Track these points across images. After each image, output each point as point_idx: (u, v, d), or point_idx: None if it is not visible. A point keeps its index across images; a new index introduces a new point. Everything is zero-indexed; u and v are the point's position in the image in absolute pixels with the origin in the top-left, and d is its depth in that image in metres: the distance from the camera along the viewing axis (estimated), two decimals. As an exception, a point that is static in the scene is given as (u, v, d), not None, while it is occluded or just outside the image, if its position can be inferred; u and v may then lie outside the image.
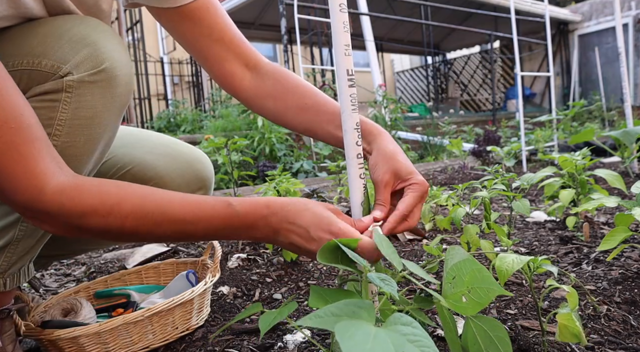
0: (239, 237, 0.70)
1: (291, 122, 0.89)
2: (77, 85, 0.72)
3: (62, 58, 0.71)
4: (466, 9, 8.18)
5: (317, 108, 0.85)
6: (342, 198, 2.39)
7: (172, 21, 0.87)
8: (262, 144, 4.39)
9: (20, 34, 0.73)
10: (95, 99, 0.74)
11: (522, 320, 0.95)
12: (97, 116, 0.75)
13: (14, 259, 0.78)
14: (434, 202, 1.57)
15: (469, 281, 0.57)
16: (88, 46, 0.72)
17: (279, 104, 0.89)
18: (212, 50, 0.88)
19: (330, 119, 0.84)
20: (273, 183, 1.56)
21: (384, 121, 4.84)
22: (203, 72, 9.40)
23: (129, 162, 1.01)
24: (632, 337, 0.85)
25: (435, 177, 3.52)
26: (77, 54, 0.71)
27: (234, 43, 0.89)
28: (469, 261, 0.59)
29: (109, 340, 0.88)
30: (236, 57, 0.90)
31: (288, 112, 0.88)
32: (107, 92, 0.75)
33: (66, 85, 0.71)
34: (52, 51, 0.71)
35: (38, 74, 0.71)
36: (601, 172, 1.38)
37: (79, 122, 0.74)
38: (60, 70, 0.70)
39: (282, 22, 5.78)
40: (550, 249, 1.41)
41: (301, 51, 5.61)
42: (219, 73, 0.91)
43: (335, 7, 0.68)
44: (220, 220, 0.66)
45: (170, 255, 1.68)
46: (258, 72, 0.91)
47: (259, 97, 0.90)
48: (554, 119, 4.11)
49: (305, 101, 0.87)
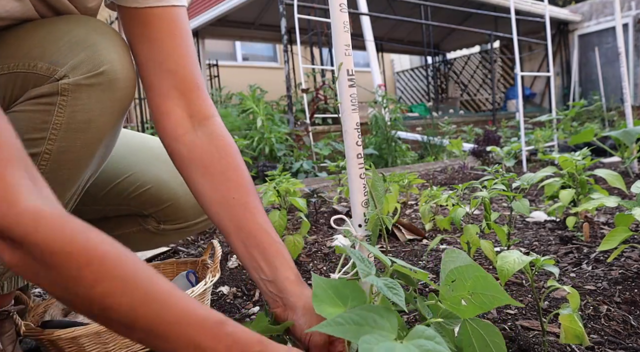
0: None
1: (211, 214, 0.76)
2: (73, 88, 0.69)
3: (59, 61, 0.68)
4: (466, 9, 8.19)
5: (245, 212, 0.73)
6: (342, 198, 2.39)
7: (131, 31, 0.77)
8: (262, 144, 4.39)
9: (20, 35, 0.71)
10: (92, 103, 0.71)
11: (522, 320, 0.95)
12: (94, 120, 0.72)
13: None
14: (434, 202, 1.57)
15: (472, 286, 0.57)
16: (87, 48, 0.70)
17: (206, 179, 0.75)
18: (157, 78, 0.76)
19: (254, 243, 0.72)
20: (273, 183, 1.56)
21: (383, 121, 4.83)
22: (203, 72, 9.40)
23: (147, 181, 0.97)
24: (632, 337, 0.85)
25: (435, 177, 3.53)
26: (74, 56, 0.69)
27: (187, 83, 0.76)
28: (472, 266, 0.59)
29: (109, 340, 0.88)
30: (182, 99, 0.76)
31: (213, 193, 0.75)
32: (106, 95, 0.72)
33: (61, 89, 0.68)
34: (48, 53, 0.68)
35: (34, 77, 0.68)
36: (601, 172, 1.38)
37: (75, 126, 0.71)
38: (56, 73, 0.68)
39: (282, 22, 5.78)
40: (550, 249, 1.41)
41: (301, 51, 5.61)
42: (155, 108, 0.77)
43: (335, 7, 0.68)
44: (205, 337, 0.52)
45: (170, 255, 1.68)
46: (203, 130, 0.77)
47: (190, 159, 0.76)
48: (554, 119, 4.11)
49: (236, 195, 0.74)
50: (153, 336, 0.51)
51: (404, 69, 14.00)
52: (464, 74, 12.78)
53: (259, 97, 5.13)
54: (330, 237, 1.76)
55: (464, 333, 0.59)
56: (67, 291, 0.49)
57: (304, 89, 5.52)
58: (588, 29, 10.29)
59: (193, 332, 0.51)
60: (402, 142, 5.14)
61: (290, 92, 5.86)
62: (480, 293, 0.57)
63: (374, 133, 5.01)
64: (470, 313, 0.57)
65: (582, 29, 10.39)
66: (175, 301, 0.52)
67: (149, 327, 0.51)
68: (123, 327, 0.52)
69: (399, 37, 11.12)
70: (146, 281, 0.51)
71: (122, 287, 0.49)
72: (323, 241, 1.70)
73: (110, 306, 0.49)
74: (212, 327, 0.52)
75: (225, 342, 0.52)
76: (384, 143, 4.84)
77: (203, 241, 1.83)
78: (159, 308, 0.51)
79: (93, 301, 0.49)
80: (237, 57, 11.19)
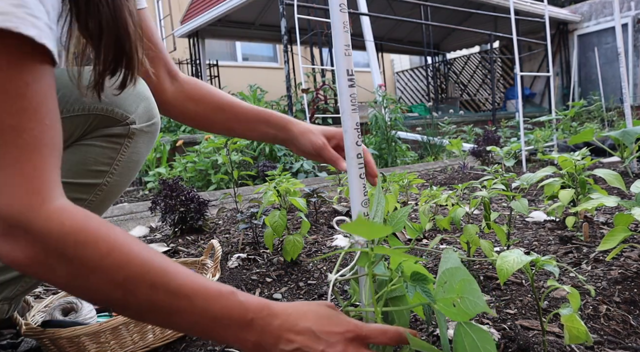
0: (225, 338, 0.58)
1: (212, 122, 0.99)
2: (138, 133, 0.86)
3: (129, 109, 0.84)
4: (466, 9, 8.19)
5: (233, 107, 0.98)
6: (342, 198, 2.39)
7: None
8: (262, 144, 4.39)
9: None
10: (143, 147, 0.88)
11: (521, 320, 0.95)
12: (140, 161, 0.89)
13: (29, 284, 0.84)
14: (433, 202, 1.57)
15: (459, 290, 0.57)
16: (144, 100, 0.87)
17: (199, 107, 0.98)
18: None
19: (245, 117, 0.97)
20: (273, 183, 1.57)
21: (383, 121, 4.83)
22: (203, 71, 9.40)
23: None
24: (632, 337, 0.86)
25: (435, 177, 3.53)
26: (138, 106, 0.85)
27: (159, 48, 0.96)
28: (460, 269, 0.59)
29: (109, 340, 0.88)
30: (161, 61, 0.96)
31: (208, 113, 0.98)
32: (151, 142, 0.91)
33: (131, 132, 0.84)
34: (120, 101, 0.83)
35: (109, 120, 0.82)
36: (600, 172, 1.38)
37: (130, 165, 0.87)
38: (128, 119, 0.84)
39: (282, 22, 5.78)
40: (550, 249, 1.41)
41: (301, 51, 5.62)
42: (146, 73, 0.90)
43: (335, 7, 0.68)
44: (220, 306, 0.56)
45: (170, 255, 1.68)
46: (177, 80, 0.99)
47: (181, 99, 0.98)
48: (554, 119, 4.11)
49: (222, 101, 0.98)
50: (172, 313, 0.55)
51: (403, 69, 14.01)
52: (463, 74, 12.79)
53: (259, 97, 5.14)
54: (330, 237, 1.76)
55: (458, 337, 0.59)
56: (88, 280, 0.52)
57: (304, 89, 5.52)
58: (587, 29, 10.30)
59: (210, 305, 0.56)
60: (402, 142, 5.14)
61: (290, 92, 5.86)
62: (466, 298, 0.56)
63: (374, 133, 5.01)
64: (461, 317, 0.57)
65: (581, 29, 10.39)
66: (190, 279, 0.56)
67: (168, 306, 0.54)
68: (142, 311, 0.55)
69: (398, 37, 11.13)
70: (162, 264, 0.55)
71: (141, 271, 0.53)
72: (323, 241, 1.70)
73: (132, 290, 0.53)
74: (226, 299, 0.57)
75: (238, 311, 0.57)
76: (384, 143, 4.84)
77: (203, 241, 1.84)
78: (177, 286, 0.54)
79: (116, 287, 0.52)
80: (237, 57, 11.20)
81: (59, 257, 0.50)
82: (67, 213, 0.52)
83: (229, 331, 0.57)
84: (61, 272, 0.51)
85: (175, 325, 0.57)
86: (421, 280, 0.61)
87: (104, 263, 0.51)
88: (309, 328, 0.58)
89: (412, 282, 0.61)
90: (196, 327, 0.56)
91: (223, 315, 0.56)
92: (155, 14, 9.77)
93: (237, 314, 0.57)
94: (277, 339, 0.58)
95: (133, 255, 0.53)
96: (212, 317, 0.56)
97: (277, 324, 0.58)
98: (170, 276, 0.55)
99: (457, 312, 0.57)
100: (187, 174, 3.98)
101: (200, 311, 0.55)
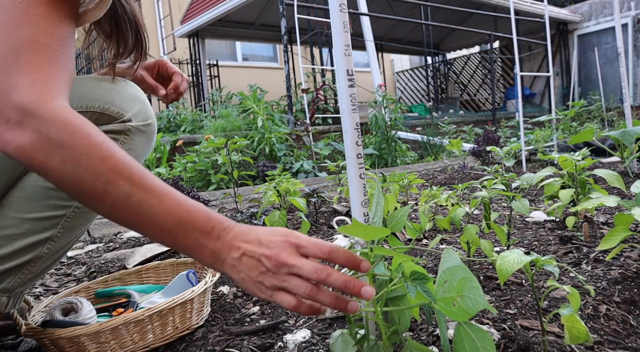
0: (185, 243, 0.63)
1: None
2: (134, 131, 0.88)
3: (124, 108, 0.88)
4: (466, 9, 8.19)
5: None
6: (342, 198, 2.39)
7: None
8: (262, 144, 4.39)
9: (91, 84, 0.88)
10: (139, 146, 0.91)
11: (521, 320, 0.95)
12: (138, 160, 0.90)
13: (28, 277, 0.82)
14: (433, 202, 1.57)
15: (459, 288, 0.57)
16: (140, 102, 0.91)
17: None
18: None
19: None
20: (273, 183, 1.57)
21: (383, 121, 4.83)
22: (203, 72, 9.40)
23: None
24: (632, 337, 0.86)
25: (435, 177, 3.53)
26: (133, 107, 0.89)
27: None
28: (460, 267, 0.59)
29: (110, 339, 0.88)
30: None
31: None
32: (148, 143, 0.93)
33: (126, 129, 0.87)
34: (116, 101, 0.87)
35: (106, 117, 0.86)
36: (601, 172, 1.38)
37: None
38: (123, 117, 0.87)
39: (282, 22, 5.78)
40: (550, 249, 1.41)
41: (301, 51, 5.62)
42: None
43: (335, 7, 0.68)
44: (186, 210, 0.62)
45: (170, 255, 1.68)
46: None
47: None
48: (554, 119, 4.11)
49: None
50: (141, 211, 0.61)
51: (403, 69, 14.01)
52: (463, 74, 12.79)
53: (259, 97, 5.14)
54: (330, 237, 1.76)
55: (457, 336, 0.59)
56: (78, 166, 0.59)
57: (304, 89, 5.52)
58: (587, 29, 10.30)
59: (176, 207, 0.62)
60: (402, 142, 5.14)
61: (290, 92, 5.86)
62: (467, 296, 0.56)
63: (374, 133, 5.01)
64: (461, 316, 0.57)
65: (581, 29, 10.39)
66: (165, 185, 0.63)
67: (139, 201, 0.60)
68: (117, 204, 0.60)
69: (398, 37, 11.13)
70: (140, 167, 0.63)
71: (122, 165, 0.61)
72: (323, 241, 1.70)
73: (112, 180, 0.59)
74: (193, 205, 0.63)
75: (202, 218, 0.63)
76: (384, 143, 4.84)
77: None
78: (151, 185, 0.61)
79: (99, 176, 0.59)
80: (237, 57, 11.19)
81: (55, 144, 0.58)
82: (69, 111, 0.61)
83: (190, 236, 0.62)
84: (55, 158, 0.59)
85: (141, 224, 0.62)
86: (421, 279, 0.61)
87: (93, 151, 0.59)
88: (256, 237, 0.63)
89: (412, 281, 0.61)
90: (161, 227, 0.61)
91: (188, 219, 0.62)
92: (155, 14, 9.76)
93: (201, 220, 0.62)
94: (229, 247, 0.63)
95: (117, 151, 0.61)
96: (177, 219, 0.61)
97: (232, 234, 0.63)
98: (147, 176, 0.62)
99: (458, 312, 0.57)
100: (187, 174, 3.98)
101: (167, 211, 0.61)
